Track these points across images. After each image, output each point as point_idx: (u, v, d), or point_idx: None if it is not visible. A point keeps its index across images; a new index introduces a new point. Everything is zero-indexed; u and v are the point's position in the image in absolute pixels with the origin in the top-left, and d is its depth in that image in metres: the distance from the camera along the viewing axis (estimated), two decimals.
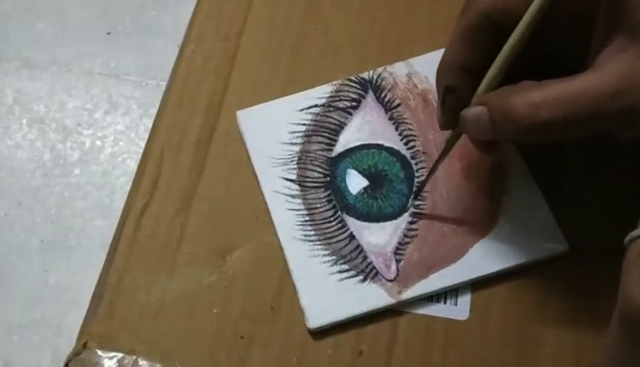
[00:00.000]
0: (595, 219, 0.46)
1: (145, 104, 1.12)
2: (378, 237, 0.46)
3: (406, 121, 0.49)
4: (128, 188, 0.48)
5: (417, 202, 0.46)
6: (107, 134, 1.10)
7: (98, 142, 1.09)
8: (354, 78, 0.50)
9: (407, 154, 0.48)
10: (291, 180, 0.47)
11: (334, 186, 0.47)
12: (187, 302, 0.45)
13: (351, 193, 0.47)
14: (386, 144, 0.48)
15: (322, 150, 0.48)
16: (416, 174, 0.47)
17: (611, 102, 0.37)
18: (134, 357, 0.43)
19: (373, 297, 0.44)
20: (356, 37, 0.52)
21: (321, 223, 0.46)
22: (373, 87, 0.50)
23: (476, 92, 0.42)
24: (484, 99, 0.41)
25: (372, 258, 0.45)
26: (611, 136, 0.40)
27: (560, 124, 0.38)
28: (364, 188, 0.47)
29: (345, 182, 0.47)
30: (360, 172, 0.48)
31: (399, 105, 0.49)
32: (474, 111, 0.41)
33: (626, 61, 0.37)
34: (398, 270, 0.45)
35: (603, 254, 0.45)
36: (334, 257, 0.45)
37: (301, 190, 0.47)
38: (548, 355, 0.43)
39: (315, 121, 0.49)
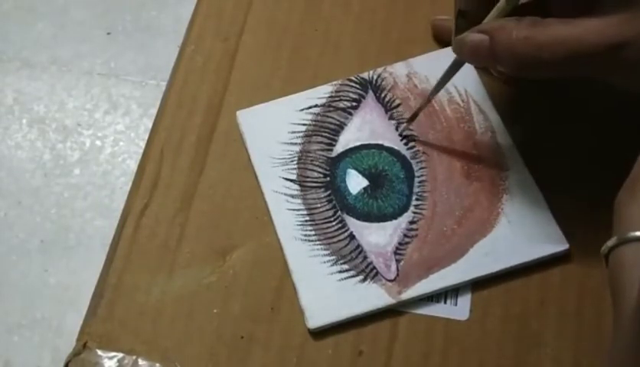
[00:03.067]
0: (596, 219, 0.46)
1: (145, 104, 1.12)
2: (378, 237, 0.46)
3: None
4: (128, 188, 0.48)
5: (417, 203, 0.46)
6: (107, 134, 1.10)
7: (98, 142, 1.09)
8: (354, 78, 0.50)
9: (407, 154, 0.48)
10: (291, 180, 0.47)
11: (334, 186, 0.47)
12: (187, 302, 0.45)
13: (351, 193, 0.47)
14: (386, 144, 0.48)
15: (322, 150, 0.48)
16: (416, 174, 0.47)
17: (608, 52, 0.39)
18: (134, 357, 0.43)
19: (373, 297, 0.44)
20: (356, 37, 0.52)
21: (321, 223, 0.46)
22: (373, 87, 0.50)
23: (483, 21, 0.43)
24: (487, 28, 0.42)
25: (372, 258, 0.45)
26: (615, 84, 0.42)
27: (559, 65, 0.40)
28: (364, 188, 0.47)
29: (345, 182, 0.47)
30: (360, 172, 0.48)
31: (399, 105, 0.49)
32: (474, 37, 0.42)
33: (627, 14, 0.39)
34: (398, 270, 0.45)
35: None
36: (334, 257, 0.45)
37: (301, 190, 0.47)
38: (548, 355, 0.43)
39: (315, 121, 0.49)
